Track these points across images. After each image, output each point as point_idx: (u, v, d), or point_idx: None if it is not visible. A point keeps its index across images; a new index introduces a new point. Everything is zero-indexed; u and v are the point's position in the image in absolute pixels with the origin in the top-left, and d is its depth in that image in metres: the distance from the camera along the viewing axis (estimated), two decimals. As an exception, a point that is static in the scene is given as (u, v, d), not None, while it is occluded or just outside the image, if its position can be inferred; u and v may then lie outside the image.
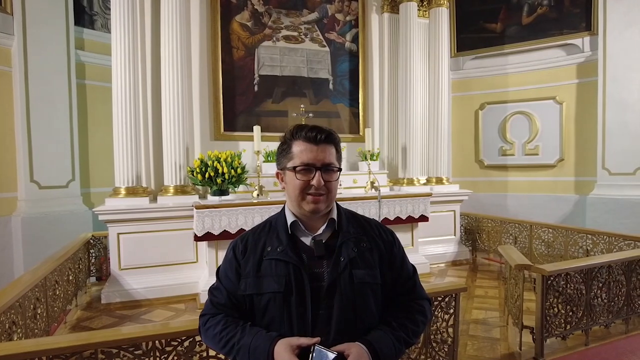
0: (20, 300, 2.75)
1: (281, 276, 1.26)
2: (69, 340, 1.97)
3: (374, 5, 6.71)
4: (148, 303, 4.62)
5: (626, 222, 6.19)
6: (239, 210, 4.60)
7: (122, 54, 4.75)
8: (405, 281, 1.41)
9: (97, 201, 6.33)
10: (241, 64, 5.87)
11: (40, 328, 3.18)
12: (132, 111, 4.81)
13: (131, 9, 4.81)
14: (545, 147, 7.51)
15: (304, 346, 1.16)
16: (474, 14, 8.01)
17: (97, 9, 6.73)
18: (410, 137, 6.40)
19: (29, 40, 5.73)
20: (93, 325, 4.03)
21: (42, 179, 5.89)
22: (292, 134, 1.32)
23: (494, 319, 4.01)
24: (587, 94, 7.07)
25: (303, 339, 1.17)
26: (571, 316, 3.40)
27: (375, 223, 1.45)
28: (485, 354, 3.29)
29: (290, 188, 1.31)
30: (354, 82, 6.56)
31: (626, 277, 3.70)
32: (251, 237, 1.38)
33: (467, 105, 8.15)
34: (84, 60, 6.47)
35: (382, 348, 1.21)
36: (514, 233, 5.99)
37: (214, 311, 1.34)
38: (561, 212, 7.27)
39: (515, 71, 7.75)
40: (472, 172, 8.17)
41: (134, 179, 4.86)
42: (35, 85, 5.80)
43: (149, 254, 4.75)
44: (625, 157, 6.50)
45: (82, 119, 6.46)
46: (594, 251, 4.96)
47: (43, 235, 5.66)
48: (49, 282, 3.46)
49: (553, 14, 7.41)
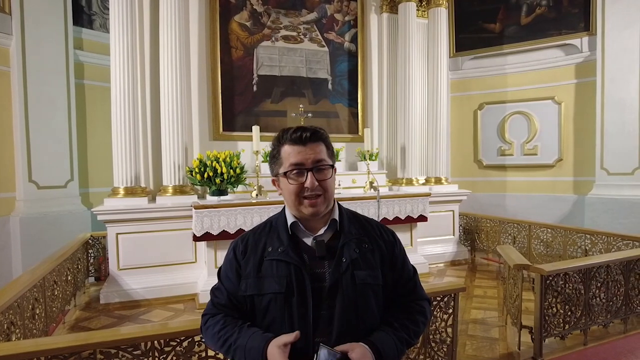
0: (19, 300, 2.74)
1: (282, 277, 1.25)
2: (67, 340, 1.97)
3: (373, 5, 6.71)
4: (147, 303, 4.62)
5: (624, 222, 6.21)
6: (238, 210, 4.61)
7: (121, 53, 4.74)
8: (406, 282, 1.41)
9: (95, 201, 6.32)
10: (240, 64, 5.86)
11: (39, 328, 3.17)
12: (131, 111, 4.80)
13: (130, 9, 4.80)
14: (543, 147, 7.52)
15: (288, 343, 1.15)
16: (472, 14, 8.01)
17: (96, 8, 6.71)
18: (409, 137, 6.40)
19: (27, 40, 5.72)
20: (92, 326, 4.03)
21: (41, 179, 5.88)
22: (278, 139, 1.31)
23: (493, 319, 4.02)
24: (585, 94, 7.08)
25: (284, 337, 1.17)
26: (570, 316, 3.41)
27: (376, 224, 1.45)
28: (484, 353, 3.29)
29: (286, 194, 1.30)
30: (353, 82, 6.56)
31: (624, 276, 3.71)
32: (251, 237, 1.38)
33: (465, 105, 8.16)
34: (83, 60, 6.46)
35: (385, 349, 1.21)
36: (513, 233, 6.00)
37: (214, 311, 1.35)
38: (560, 212, 7.28)
39: (514, 71, 7.75)
40: (471, 172, 8.17)
41: (133, 179, 4.85)
42: (33, 85, 5.78)
43: (148, 254, 4.75)
44: (624, 157, 6.51)
45: (81, 119, 6.45)
46: (593, 251, 4.97)
47: (41, 235, 5.64)
48: (47, 282, 3.46)
49: (552, 14, 7.42)
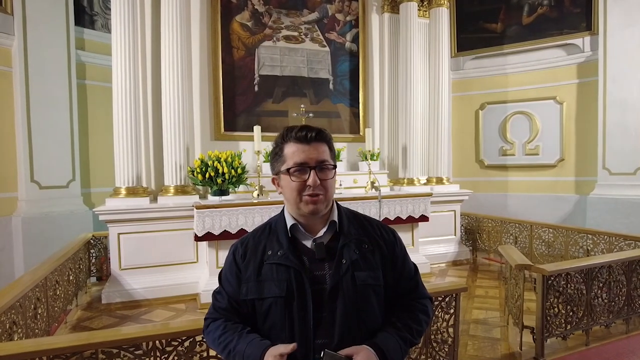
0: (21, 300, 2.75)
1: (282, 281, 1.25)
2: (69, 340, 1.97)
3: (374, 5, 6.70)
4: (148, 303, 4.62)
5: (626, 222, 6.19)
6: (240, 210, 4.61)
7: (123, 54, 4.75)
8: (408, 281, 1.41)
9: (97, 201, 6.34)
10: (241, 64, 5.87)
11: (41, 328, 3.18)
12: (133, 111, 4.81)
13: (131, 9, 4.80)
14: (545, 147, 7.51)
15: (285, 354, 1.14)
16: (474, 14, 8.01)
17: (98, 9, 6.73)
18: (410, 137, 6.39)
19: (29, 41, 5.73)
20: (93, 325, 4.03)
21: (43, 179, 5.89)
22: (282, 137, 1.31)
23: (495, 319, 4.01)
24: (587, 93, 7.07)
25: (281, 347, 1.16)
26: (571, 316, 3.40)
27: (376, 223, 1.44)
28: (486, 354, 3.29)
29: (286, 191, 1.30)
30: (354, 82, 6.55)
31: (627, 277, 3.70)
32: (251, 240, 1.37)
33: (467, 105, 8.15)
34: (85, 60, 6.47)
35: (389, 350, 1.21)
36: (515, 233, 5.99)
37: (215, 315, 1.35)
38: (561, 212, 7.26)
39: (515, 71, 7.74)
40: (473, 172, 8.16)
41: (135, 179, 4.86)
42: (35, 86, 5.80)
43: (150, 254, 4.75)
44: (626, 157, 6.50)
45: (83, 119, 6.46)
46: (595, 251, 4.96)
47: (43, 235, 5.66)
48: (49, 282, 3.46)
49: (553, 14, 7.41)
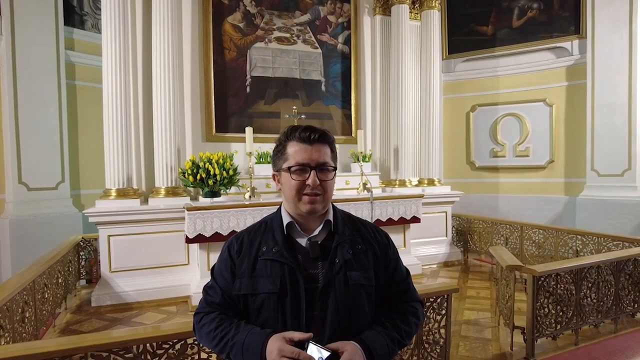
0: (8, 303, 2.71)
1: (276, 277, 1.26)
2: (58, 344, 1.94)
3: (366, 7, 6.73)
4: (139, 306, 4.58)
5: (614, 223, 6.29)
6: (231, 212, 4.59)
7: (113, 54, 4.71)
8: (399, 284, 1.42)
9: (87, 203, 6.26)
10: (233, 65, 5.85)
11: (29, 332, 3.13)
12: (123, 112, 4.77)
13: (122, 9, 4.76)
14: (535, 148, 7.60)
15: (296, 340, 1.15)
16: (465, 16, 8.08)
17: (88, 9, 6.66)
18: (402, 138, 6.42)
19: (17, 40, 5.65)
20: (83, 329, 3.98)
21: (31, 180, 5.81)
22: (286, 135, 1.33)
23: (486, 320, 4.04)
24: (576, 96, 7.17)
25: (297, 334, 1.17)
26: (561, 316, 3.44)
27: (370, 226, 1.46)
28: (477, 354, 3.31)
29: (286, 189, 1.32)
30: (346, 84, 6.57)
31: (615, 277, 3.75)
32: (246, 236, 1.38)
33: (458, 107, 8.21)
34: (74, 60, 6.40)
35: (375, 347, 1.22)
36: (505, 234, 6.05)
37: (208, 309, 1.34)
38: (551, 213, 7.35)
39: (506, 73, 7.82)
40: (464, 173, 8.23)
41: (125, 180, 4.81)
42: (24, 86, 5.72)
43: (140, 256, 4.71)
44: (614, 159, 6.59)
45: (72, 120, 6.38)
46: (584, 252, 5.02)
47: (32, 237, 5.57)
48: (37, 285, 3.42)
49: (543, 18, 7.50)
